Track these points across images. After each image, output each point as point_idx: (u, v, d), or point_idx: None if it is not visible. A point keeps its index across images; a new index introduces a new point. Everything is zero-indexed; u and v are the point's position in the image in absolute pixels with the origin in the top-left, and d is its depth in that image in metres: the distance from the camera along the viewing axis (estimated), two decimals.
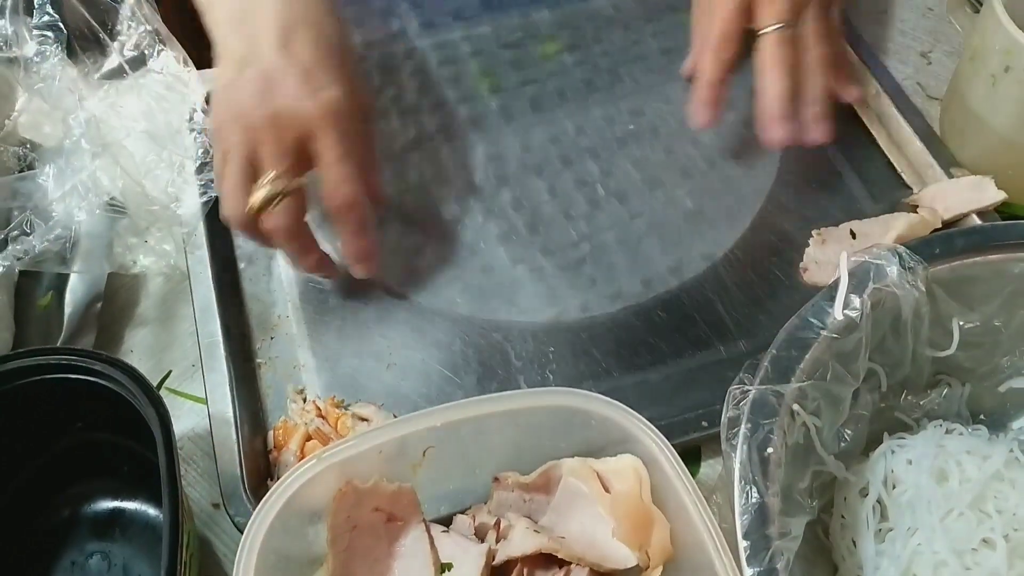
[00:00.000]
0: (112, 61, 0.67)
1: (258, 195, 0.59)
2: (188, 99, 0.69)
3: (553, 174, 0.74)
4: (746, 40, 0.69)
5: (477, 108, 0.78)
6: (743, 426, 0.51)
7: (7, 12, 0.63)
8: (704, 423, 0.61)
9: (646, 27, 0.83)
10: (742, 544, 0.48)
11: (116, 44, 0.67)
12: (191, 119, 0.69)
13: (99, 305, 0.67)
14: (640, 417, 0.52)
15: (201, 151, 0.69)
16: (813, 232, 0.70)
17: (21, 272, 0.66)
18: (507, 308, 0.67)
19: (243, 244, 0.71)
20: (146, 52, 0.68)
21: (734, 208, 0.72)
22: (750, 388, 0.52)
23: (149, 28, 0.67)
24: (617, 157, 0.75)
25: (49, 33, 0.63)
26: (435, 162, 0.74)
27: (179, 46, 0.70)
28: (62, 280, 0.67)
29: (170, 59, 0.69)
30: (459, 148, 0.75)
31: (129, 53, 0.68)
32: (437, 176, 0.74)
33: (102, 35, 0.66)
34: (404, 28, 0.82)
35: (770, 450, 0.50)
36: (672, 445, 0.51)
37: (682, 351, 0.66)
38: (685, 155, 0.75)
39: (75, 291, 0.66)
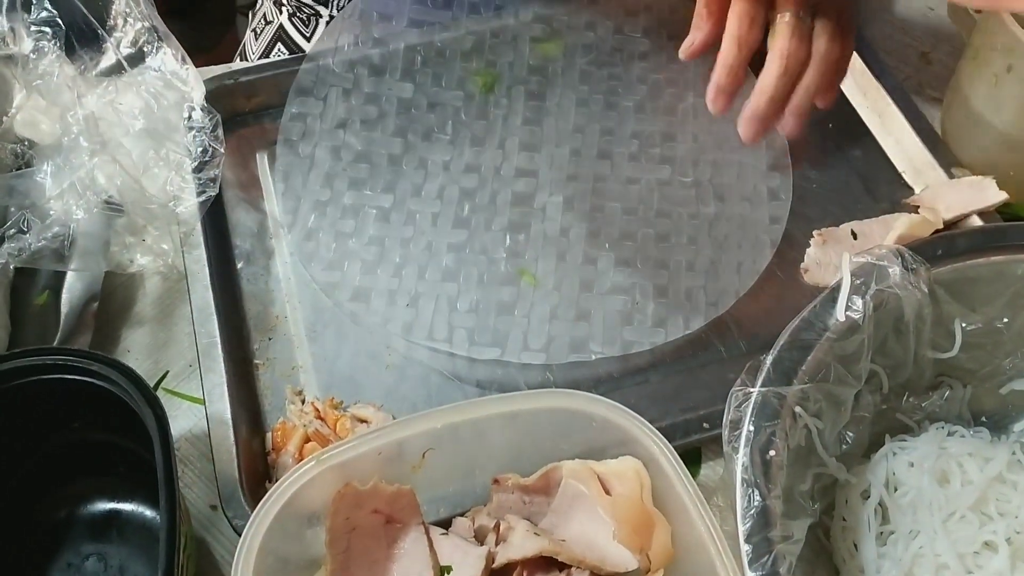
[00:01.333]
0: (110, 58, 0.67)
1: None
2: (187, 97, 0.69)
3: (552, 177, 0.72)
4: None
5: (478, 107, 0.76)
6: (745, 428, 0.51)
7: (4, 8, 0.62)
8: (705, 425, 0.60)
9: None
10: (744, 547, 0.48)
11: (113, 40, 0.66)
12: (189, 117, 0.69)
13: (96, 304, 0.66)
14: (641, 419, 0.52)
15: (199, 150, 0.68)
16: (814, 232, 0.69)
17: (17, 270, 0.65)
18: (507, 326, 0.65)
19: (241, 243, 0.70)
20: (144, 49, 0.67)
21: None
22: (752, 390, 0.52)
23: (147, 24, 0.67)
24: (611, 162, 0.74)
25: (47, 29, 0.63)
26: (432, 166, 0.73)
27: (177, 43, 0.69)
28: (58, 279, 0.66)
29: (168, 56, 0.68)
30: (462, 153, 0.74)
31: (127, 50, 0.67)
32: (433, 181, 0.72)
33: (100, 31, 0.66)
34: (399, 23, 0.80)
35: (772, 452, 0.50)
36: (673, 447, 0.51)
37: (683, 352, 0.65)
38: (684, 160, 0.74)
39: (72, 290, 0.66)
